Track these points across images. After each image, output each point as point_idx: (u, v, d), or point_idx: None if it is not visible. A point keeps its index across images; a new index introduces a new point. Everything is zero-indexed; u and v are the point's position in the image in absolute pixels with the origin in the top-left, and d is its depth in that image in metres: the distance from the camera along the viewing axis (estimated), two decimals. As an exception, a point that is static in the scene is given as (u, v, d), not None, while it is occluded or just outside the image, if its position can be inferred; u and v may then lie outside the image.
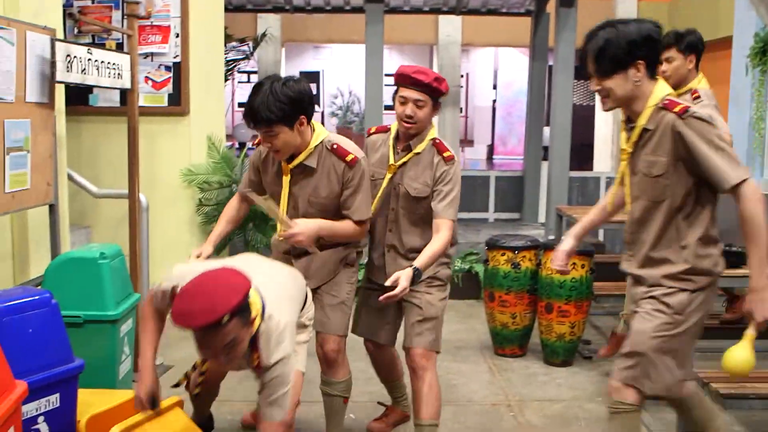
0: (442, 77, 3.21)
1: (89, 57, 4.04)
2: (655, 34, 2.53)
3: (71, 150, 5.62)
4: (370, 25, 7.21)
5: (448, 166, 3.20)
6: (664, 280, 2.64)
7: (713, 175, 2.48)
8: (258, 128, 2.96)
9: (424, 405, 3.25)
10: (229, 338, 2.33)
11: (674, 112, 2.51)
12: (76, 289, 3.53)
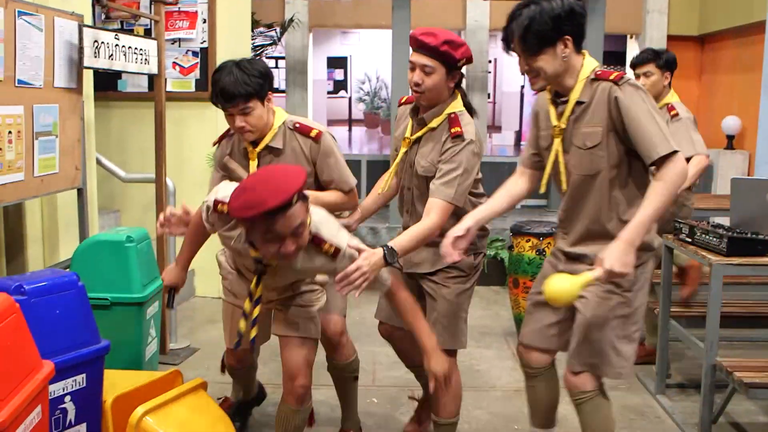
0: (461, 41, 2.81)
1: (116, 43, 4.09)
2: (578, 7, 2.47)
3: (100, 135, 5.70)
4: (397, 10, 7.19)
5: (453, 143, 2.82)
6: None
7: (643, 142, 2.40)
8: (234, 106, 2.81)
9: (442, 405, 3.14)
10: (297, 221, 2.33)
11: (610, 80, 2.46)
12: (104, 271, 3.58)
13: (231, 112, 2.85)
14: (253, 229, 2.37)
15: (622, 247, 2.33)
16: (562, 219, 2.72)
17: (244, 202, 2.27)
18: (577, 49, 2.52)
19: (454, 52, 2.78)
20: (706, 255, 3.44)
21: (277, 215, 2.27)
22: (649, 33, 10.18)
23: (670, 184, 2.36)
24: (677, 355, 4.65)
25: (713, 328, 3.38)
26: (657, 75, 4.46)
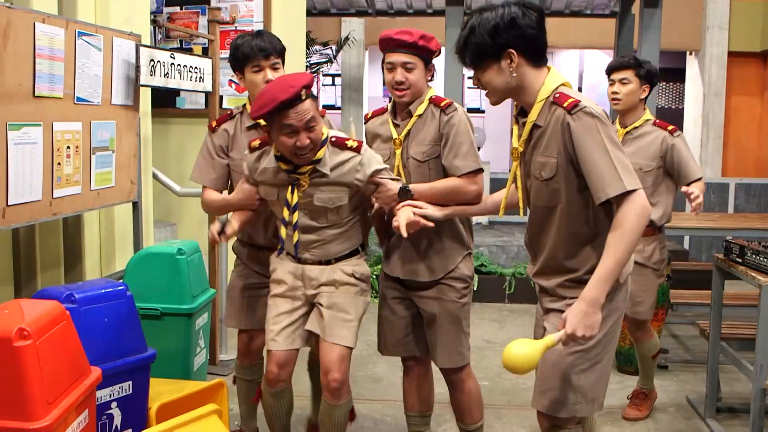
0: (431, 35, 2.90)
1: (172, 61, 4.22)
2: (520, 17, 2.22)
3: (159, 150, 5.87)
4: (451, 28, 7.24)
5: (448, 114, 2.86)
6: (563, 290, 2.36)
7: (594, 178, 2.17)
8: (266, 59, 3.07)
9: (467, 413, 3.16)
10: (308, 115, 2.68)
11: (563, 107, 2.21)
12: (155, 282, 3.68)
13: (267, 65, 3.07)
14: (273, 129, 2.73)
15: (584, 309, 2.15)
16: (527, 245, 2.54)
17: (261, 103, 2.67)
18: (534, 63, 2.28)
19: (429, 45, 2.87)
20: (756, 276, 3.37)
21: (289, 108, 2.66)
22: (709, 49, 10.00)
23: (629, 231, 2.13)
24: (731, 378, 4.54)
25: (763, 350, 3.31)
26: (634, 84, 3.79)
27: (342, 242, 2.96)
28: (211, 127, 3.29)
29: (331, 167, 2.82)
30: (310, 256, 2.94)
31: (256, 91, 3.01)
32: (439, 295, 2.98)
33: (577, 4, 8.32)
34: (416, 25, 11.13)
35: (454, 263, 2.97)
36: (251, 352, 3.41)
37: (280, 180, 2.88)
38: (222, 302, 4.82)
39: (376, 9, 8.66)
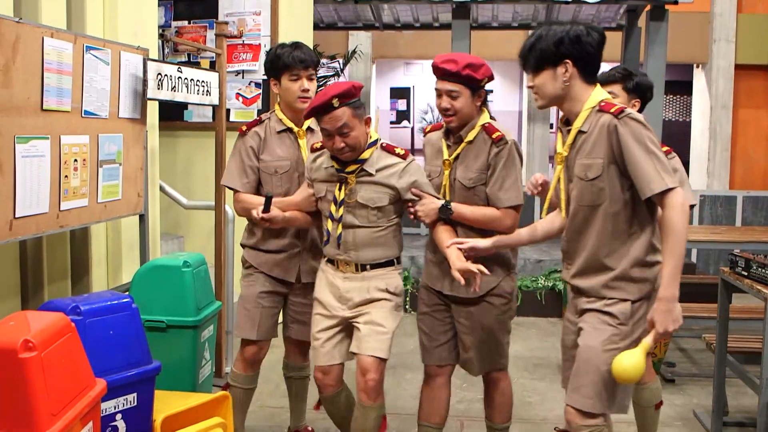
0: (480, 62, 2.96)
1: (179, 75, 4.26)
2: (584, 35, 2.51)
3: (167, 163, 5.91)
4: (457, 41, 7.27)
5: (498, 147, 2.98)
6: (604, 290, 2.55)
7: (639, 177, 2.41)
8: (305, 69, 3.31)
9: (498, 412, 3.31)
10: (339, 122, 2.92)
11: (610, 112, 2.47)
12: (161, 295, 3.69)
13: (305, 75, 3.30)
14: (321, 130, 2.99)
15: (666, 307, 2.38)
16: (565, 250, 2.70)
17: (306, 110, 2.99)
18: (585, 78, 2.55)
19: (475, 74, 2.94)
20: (761, 289, 3.36)
21: (323, 114, 2.93)
22: (716, 62, 10.01)
23: (678, 227, 2.36)
24: (738, 392, 4.52)
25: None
26: (622, 98, 3.48)
27: (378, 248, 3.10)
28: (241, 131, 3.43)
29: (377, 168, 3.04)
30: (347, 257, 3.09)
31: (290, 97, 3.34)
32: (478, 312, 3.09)
33: (583, 17, 8.34)
34: (423, 38, 11.11)
35: (496, 282, 3.08)
36: (255, 362, 3.50)
37: (330, 177, 3.10)
38: (228, 314, 4.83)
39: (383, 22, 8.70)
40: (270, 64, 3.37)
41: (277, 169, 3.37)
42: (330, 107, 2.91)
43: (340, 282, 3.13)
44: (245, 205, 3.35)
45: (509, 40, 10.34)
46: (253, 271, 3.48)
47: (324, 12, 8.38)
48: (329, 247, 3.15)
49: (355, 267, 3.11)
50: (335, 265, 3.16)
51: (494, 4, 7.40)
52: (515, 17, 8.49)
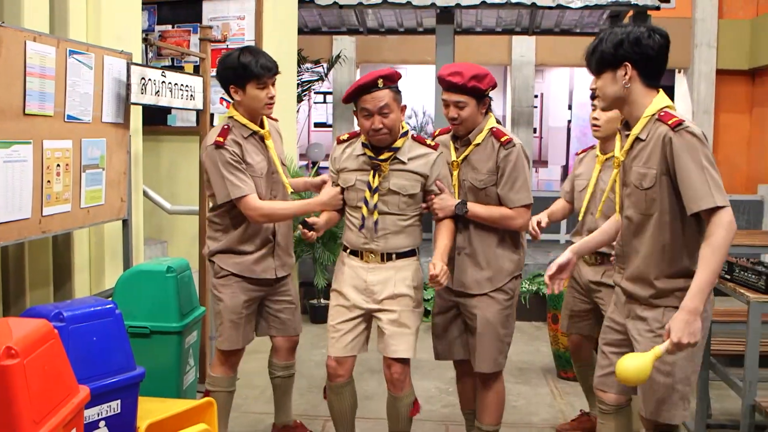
0: (484, 72, 3.13)
1: (163, 79, 4.24)
2: (646, 37, 2.49)
3: (150, 168, 5.87)
4: (441, 46, 7.28)
5: (507, 150, 3.15)
6: (655, 299, 2.58)
7: (688, 191, 2.41)
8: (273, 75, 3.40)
9: (488, 413, 3.39)
10: (382, 102, 3.06)
11: (668, 124, 2.47)
12: (144, 300, 3.68)
13: (270, 82, 3.38)
14: (357, 112, 3.13)
15: (686, 318, 2.38)
16: (619, 254, 2.76)
17: (349, 89, 3.12)
18: (647, 82, 2.54)
19: (480, 84, 3.11)
20: (744, 292, 3.38)
21: (366, 93, 3.07)
22: (698, 67, 10.10)
23: (720, 245, 2.36)
24: (721, 395, 4.55)
25: (752, 367, 3.32)
26: (615, 112, 3.35)
27: (404, 237, 3.24)
28: (218, 143, 3.37)
29: (409, 157, 3.19)
30: (375, 246, 3.22)
31: (257, 104, 3.39)
32: (483, 305, 3.25)
33: (566, 22, 8.39)
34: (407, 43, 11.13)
35: (502, 282, 3.26)
36: (235, 364, 3.61)
37: (362, 165, 3.23)
38: (212, 320, 4.80)
39: (368, 27, 8.70)
40: (232, 72, 3.35)
41: (261, 171, 3.44)
42: (375, 86, 3.06)
43: (365, 274, 3.25)
44: (268, 211, 3.36)
45: (493, 45, 10.39)
46: (231, 279, 3.47)
47: (308, 16, 8.37)
48: (356, 237, 3.27)
49: (381, 257, 3.23)
50: (359, 257, 3.27)
51: (478, 9, 7.42)
52: (499, 22, 8.52)
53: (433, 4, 7.08)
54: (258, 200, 3.37)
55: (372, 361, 4.98)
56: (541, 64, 11.06)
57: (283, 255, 3.59)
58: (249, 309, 3.53)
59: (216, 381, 3.56)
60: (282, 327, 3.67)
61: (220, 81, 3.45)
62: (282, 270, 3.59)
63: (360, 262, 3.27)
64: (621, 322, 2.73)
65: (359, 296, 3.25)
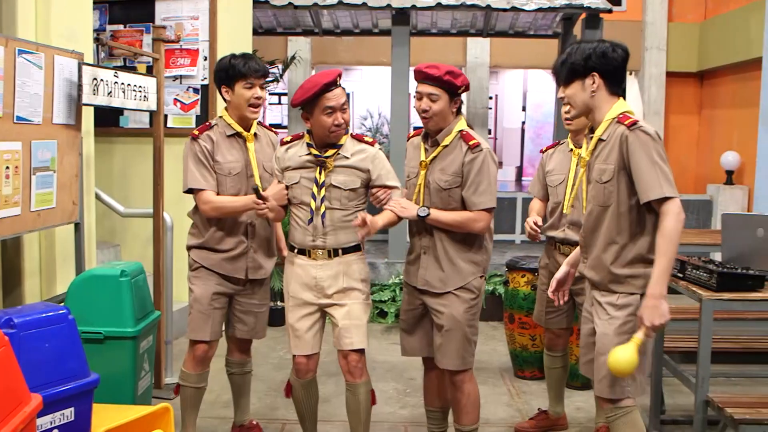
0: (459, 72, 3.23)
1: (116, 80, 4.16)
2: (611, 51, 2.79)
3: (103, 170, 5.77)
4: (396, 47, 7.28)
5: (474, 153, 3.22)
6: (613, 284, 2.82)
7: (641, 183, 2.68)
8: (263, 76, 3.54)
9: (464, 414, 3.43)
10: (343, 98, 3.23)
11: (625, 124, 2.75)
12: (98, 305, 3.60)
13: (258, 84, 3.51)
14: (315, 111, 3.22)
15: (653, 303, 2.64)
16: (582, 245, 3.01)
17: (306, 88, 3.19)
18: (610, 89, 2.83)
19: (455, 81, 3.20)
20: (696, 290, 3.44)
21: (328, 91, 3.18)
22: (648, 69, 10.28)
23: (672, 233, 2.63)
24: (674, 391, 4.63)
25: (704, 363, 3.38)
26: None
27: (349, 232, 3.32)
28: (194, 135, 3.54)
29: (351, 153, 3.31)
30: (322, 243, 3.31)
31: (243, 103, 3.52)
32: (449, 303, 3.30)
33: (520, 25, 8.46)
34: (362, 45, 11.13)
35: (466, 281, 3.31)
36: (206, 360, 3.62)
37: (305, 164, 3.33)
38: (167, 324, 4.74)
39: (323, 28, 8.67)
40: (224, 72, 3.52)
41: (230, 170, 3.53)
42: (335, 84, 3.21)
43: (314, 271, 3.33)
44: (218, 204, 3.48)
45: (448, 47, 10.43)
46: (203, 272, 3.58)
47: (263, 17, 8.30)
48: (302, 235, 3.34)
49: (328, 253, 3.32)
50: (307, 255, 3.34)
51: (433, 11, 7.44)
52: (454, 24, 8.56)
53: (388, 6, 7.08)
54: (212, 195, 3.49)
55: (329, 364, 4.96)
56: (495, 66, 11.14)
57: (258, 258, 3.65)
58: (218, 303, 3.59)
59: (186, 376, 3.64)
60: (245, 329, 3.73)
61: (216, 84, 3.60)
62: (254, 273, 3.64)
63: (308, 260, 3.35)
64: (589, 310, 2.97)
65: (310, 293, 3.35)
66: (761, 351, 4.32)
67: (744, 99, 9.10)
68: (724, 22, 9.55)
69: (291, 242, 3.42)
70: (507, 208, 8.80)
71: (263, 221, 3.63)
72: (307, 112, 3.27)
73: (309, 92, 3.18)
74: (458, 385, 3.39)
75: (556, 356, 4.13)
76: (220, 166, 3.52)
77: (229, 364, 3.84)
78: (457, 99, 3.27)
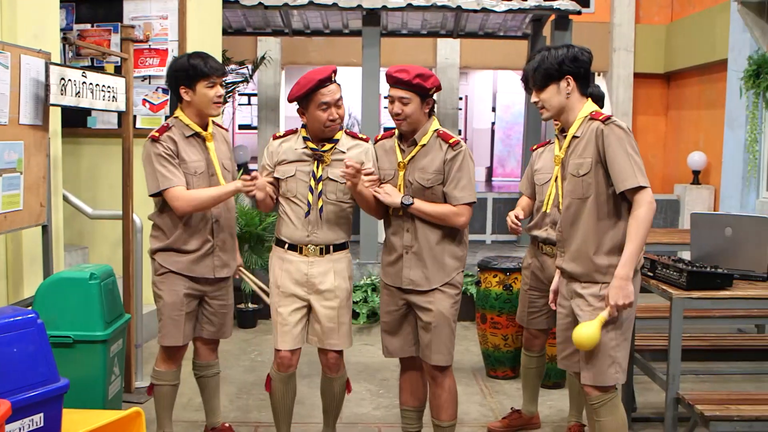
0: (429, 73, 3.28)
1: (84, 80, 4.10)
2: (581, 55, 2.98)
3: (70, 171, 5.69)
4: (367, 48, 7.28)
5: (455, 151, 3.30)
6: (595, 274, 2.95)
7: (616, 173, 2.83)
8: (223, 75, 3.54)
9: (444, 409, 3.48)
10: (338, 94, 3.31)
11: (599, 120, 2.92)
12: (67, 309, 3.55)
13: (218, 82, 3.50)
14: (310, 107, 3.30)
15: (620, 284, 2.83)
16: (559, 239, 3.13)
17: (301, 84, 3.28)
18: (581, 91, 3.00)
19: (425, 83, 3.25)
20: (666, 289, 3.48)
21: (323, 87, 3.27)
22: (616, 71, 10.38)
23: (643, 220, 2.81)
24: (645, 389, 4.68)
25: (675, 360, 3.42)
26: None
27: (340, 229, 3.45)
28: (155, 137, 3.47)
29: (347, 148, 3.42)
30: (315, 239, 3.41)
31: (205, 102, 3.49)
32: (435, 300, 3.35)
33: (490, 26, 8.50)
34: (332, 45, 11.07)
35: (450, 276, 3.37)
36: (179, 358, 3.66)
37: (302, 157, 3.41)
38: (137, 327, 4.68)
39: (293, 29, 8.63)
40: (183, 72, 3.47)
41: (196, 170, 3.51)
42: (330, 80, 3.30)
43: (305, 267, 3.42)
44: (193, 197, 3.42)
45: (418, 48, 10.44)
46: (171, 276, 3.52)
47: (232, 17, 8.25)
48: (295, 230, 3.42)
49: (320, 251, 3.42)
50: (299, 251, 3.43)
51: (404, 11, 7.45)
52: (424, 25, 8.58)
53: (359, 6, 7.08)
54: (184, 190, 3.45)
55: (302, 365, 4.92)
56: (465, 67, 11.17)
57: (223, 256, 3.64)
58: (189, 306, 3.56)
59: (160, 375, 3.63)
60: (212, 330, 3.71)
61: (170, 84, 3.55)
62: (221, 271, 3.63)
63: (300, 257, 3.43)
64: (566, 305, 3.09)
65: (300, 288, 3.43)
66: (728, 348, 4.37)
67: (710, 100, 9.24)
68: (690, 24, 9.68)
69: (281, 237, 3.47)
70: (477, 208, 8.77)
71: (227, 218, 3.63)
72: (302, 107, 3.36)
73: (304, 88, 3.27)
74: (440, 381, 3.43)
75: (533, 356, 4.15)
76: (186, 165, 3.49)
77: (197, 367, 3.80)
78: (429, 100, 3.32)
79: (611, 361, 2.96)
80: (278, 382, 3.51)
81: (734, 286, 3.51)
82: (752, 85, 7.07)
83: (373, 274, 6.81)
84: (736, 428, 3.23)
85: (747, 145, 7.29)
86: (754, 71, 7.03)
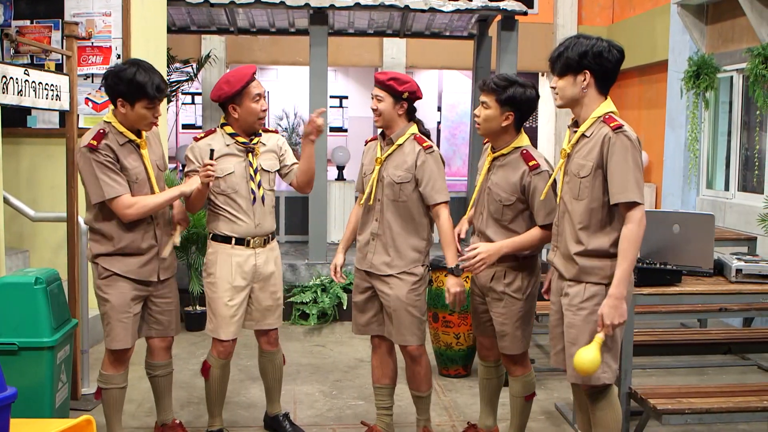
0: (407, 79, 3.57)
1: (26, 78, 3.97)
2: (606, 52, 2.88)
3: (9, 172, 5.51)
4: (315, 47, 7.23)
5: (428, 154, 3.57)
6: (581, 274, 2.96)
7: (614, 184, 2.83)
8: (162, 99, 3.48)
9: (422, 382, 3.78)
10: (262, 88, 3.68)
11: (610, 126, 2.87)
12: (11, 315, 3.45)
13: (157, 104, 3.45)
14: (243, 101, 3.62)
15: (614, 303, 2.81)
16: (554, 233, 3.15)
17: (235, 80, 3.59)
18: (600, 89, 2.94)
19: (397, 86, 3.54)
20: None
21: (254, 80, 3.65)
22: (560, 71, 10.54)
23: (634, 238, 2.80)
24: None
25: (627, 356, 3.49)
26: (494, 110, 3.41)
27: (272, 218, 3.83)
28: (92, 145, 3.38)
29: (266, 140, 3.82)
30: (260, 230, 3.73)
31: (142, 122, 3.47)
32: (393, 285, 3.61)
33: (436, 25, 8.54)
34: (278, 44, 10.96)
35: (408, 266, 3.63)
36: (127, 360, 3.64)
37: (234, 152, 3.68)
38: (83, 332, 4.56)
39: (238, 27, 8.53)
40: (125, 86, 3.37)
41: (137, 176, 3.49)
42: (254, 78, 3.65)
43: (252, 259, 3.72)
44: (142, 204, 3.44)
45: (364, 47, 10.43)
46: (116, 278, 3.48)
47: (176, 15, 8.10)
48: (242, 225, 3.68)
49: (263, 241, 3.75)
50: (246, 245, 3.70)
51: (351, 10, 7.42)
52: (371, 24, 8.56)
53: (306, 5, 7.02)
54: (131, 198, 3.44)
55: (253, 368, 4.88)
56: (411, 66, 11.19)
57: (166, 258, 3.64)
58: (135, 309, 3.56)
59: (108, 378, 3.59)
60: (160, 328, 3.70)
61: (108, 91, 3.45)
62: (164, 272, 3.65)
63: (248, 250, 3.71)
64: (556, 301, 3.13)
65: (246, 280, 3.71)
66: (675, 343, 4.48)
67: (650, 100, 9.45)
68: (630, 26, 9.89)
69: (224, 233, 3.70)
70: (426, 207, 8.84)
71: (163, 214, 3.63)
72: (236, 103, 3.62)
73: (242, 82, 3.57)
74: (415, 358, 3.70)
75: (490, 367, 3.84)
76: (128, 173, 3.46)
77: (151, 366, 3.77)
78: (402, 102, 3.58)
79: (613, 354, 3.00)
80: (218, 368, 3.76)
81: (683, 282, 3.59)
82: (692, 85, 7.26)
83: (322, 275, 6.77)
84: (688, 420, 3.31)
85: (688, 145, 7.48)
86: (694, 72, 7.22)
